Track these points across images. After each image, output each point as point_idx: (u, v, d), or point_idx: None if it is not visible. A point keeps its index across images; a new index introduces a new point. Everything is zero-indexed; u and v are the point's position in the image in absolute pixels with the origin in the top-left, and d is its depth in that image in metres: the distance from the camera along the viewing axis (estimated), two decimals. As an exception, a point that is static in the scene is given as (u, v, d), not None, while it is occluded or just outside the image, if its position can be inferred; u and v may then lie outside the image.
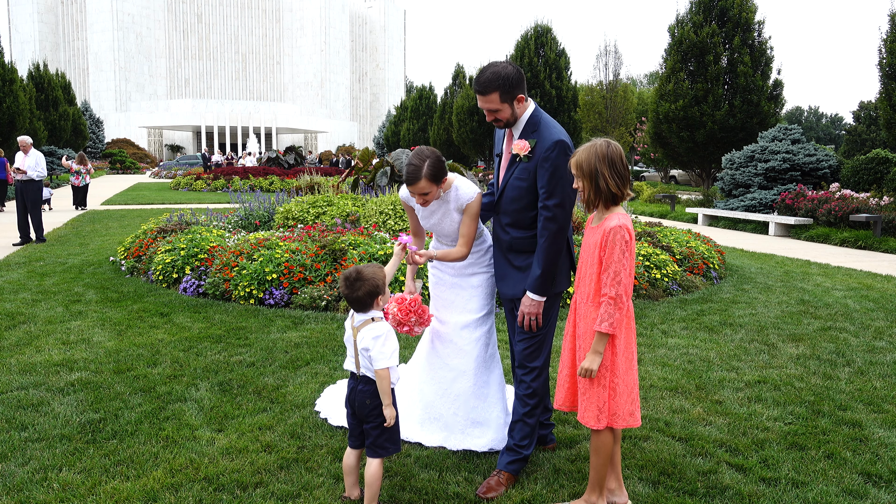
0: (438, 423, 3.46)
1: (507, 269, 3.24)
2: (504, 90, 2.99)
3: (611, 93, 30.39)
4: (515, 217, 3.15)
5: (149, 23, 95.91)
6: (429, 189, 3.13)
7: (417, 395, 3.55)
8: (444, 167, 3.15)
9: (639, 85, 63.72)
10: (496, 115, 3.06)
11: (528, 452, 3.19)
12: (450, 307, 3.45)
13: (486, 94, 3.01)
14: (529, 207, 3.11)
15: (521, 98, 3.05)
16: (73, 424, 3.70)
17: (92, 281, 7.73)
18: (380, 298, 2.86)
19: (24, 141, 11.47)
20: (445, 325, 3.45)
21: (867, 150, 38.17)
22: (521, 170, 3.09)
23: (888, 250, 11.73)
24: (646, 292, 7.00)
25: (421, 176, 3.08)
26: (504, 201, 3.19)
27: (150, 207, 19.62)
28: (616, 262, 2.67)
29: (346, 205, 9.14)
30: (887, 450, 3.50)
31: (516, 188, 3.11)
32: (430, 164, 3.08)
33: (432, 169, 3.09)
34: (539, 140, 3.03)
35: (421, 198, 3.17)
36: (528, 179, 3.06)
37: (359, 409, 2.86)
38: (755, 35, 19.54)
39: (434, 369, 3.47)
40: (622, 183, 2.72)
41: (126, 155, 56.64)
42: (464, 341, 3.40)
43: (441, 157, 3.15)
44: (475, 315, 3.41)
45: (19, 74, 28.42)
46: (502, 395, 3.51)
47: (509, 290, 3.23)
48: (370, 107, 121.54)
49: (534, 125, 3.07)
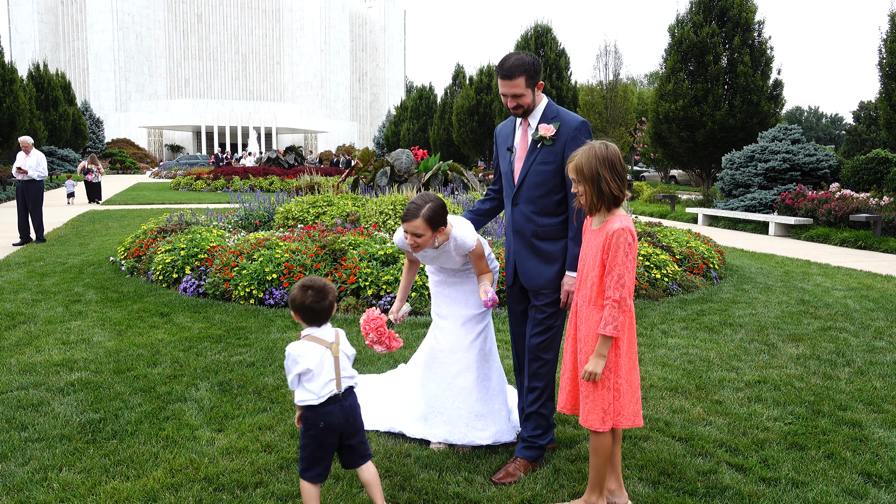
0: (442, 417, 3.48)
1: (531, 259, 3.22)
2: (529, 75, 3.10)
3: (611, 93, 30.39)
4: (541, 204, 3.16)
5: (149, 23, 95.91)
6: (423, 232, 3.09)
7: (420, 391, 3.57)
8: (445, 217, 3.14)
9: (639, 85, 63.73)
10: (518, 100, 3.14)
11: (544, 442, 3.28)
12: (452, 304, 3.50)
13: (513, 79, 3.09)
14: (555, 190, 3.14)
15: (540, 85, 3.17)
16: (73, 424, 3.70)
17: (92, 281, 7.73)
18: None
19: (25, 141, 11.46)
20: (447, 320, 3.50)
21: (867, 150, 38.16)
22: (545, 153, 3.14)
23: (888, 250, 11.73)
24: (646, 292, 7.00)
25: (419, 215, 3.06)
26: (525, 188, 3.20)
27: (150, 207, 19.62)
28: (620, 265, 2.65)
29: (346, 205, 9.14)
30: (887, 450, 3.50)
31: (540, 173, 3.14)
32: (431, 206, 3.08)
33: (431, 212, 3.08)
34: (563, 123, 3.12)
35: (413, 239, 3.11)
36: (555, 161, 3.11)
37: (353, 422, 2.68)
38: (755, 35, 19.54)
39: (436, 364, 3.50)
40: (622, 184, 2.71)
41: (126, 155, 56.64)
42: (465, 336, 3.45)
43: (445, 207, 3.14)
44: (476, 310, 3.47)
45: (19, 74, 28.41)
46: (503, 388, 3.58)
47: (536, 280, 3.21)
48: (370, 107, 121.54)
49: (553, 112, 3.18)
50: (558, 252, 3.16)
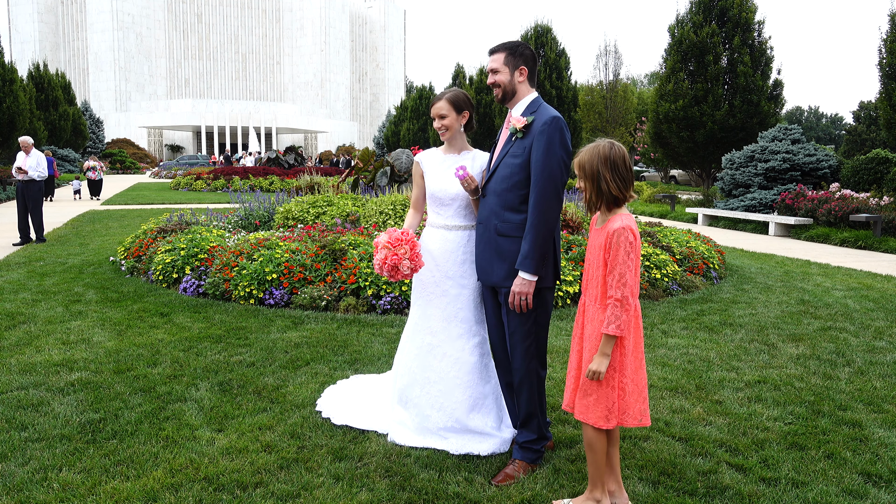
0: (435, 436, 3.44)
1: (488, 253, 3.20)
2: (509, 52, 3.17)
3: (611, 93, 30.41)
4: (505, 198, 3.13)
5: (149, 23, 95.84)
6: (447, 113, 3.34)
7: (414, 409, 3.50)
8: (467, 102, 3.37)
9: (639, 85, 63.71)
10: (496, 76, 3.19)
11: (539, 447, 3.25)
12: (442, 318, 3.42)
13: (493, 54, 3.21)
14: (520, 186, 3.10)
15: (524, 71, 3.18)
16: (73, 424, 3.69)
17: (92, 281, 7.73)
18: None
19: (25, 141, 11.46)
20: (436, 337, 3.43)
21: (867, 150, 38.16)
22: (517, 146, 3.14)
23: (888, 250, 11.73)
24: (646, 292, 7.00)
25: (443, 97, 3.36)
26: (494, 181, 3.19)
27: (150, 207, 19.62)
28: (621, 263, 2.65)
29: (346, 205, 9.14)
30: (887, 450, 3.50)
31: (509, 165, 3.14)
32: (454, 91, 3.37)
33: (453, 95, 3.36)
34: (537, 117, 3.11)
35: (439, 122, 3.35)
36: (523, 155, 3.10)
37: None
38: (755, 35, 19.54)
39: (429, 383, 3.44)
40: (624, 185, 2.70)
41: (126, 155, 56.64)
42: (459, 352, 3.40)
43: (468, 96, 3.40)
44: (469, 324, 3.42)
45: (19, 74, 28.44)
46: (501, 405, 3.52)
47: (489, 275, 3.21)
48: (370, 107, 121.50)
49: (534, 107, 3.17)
50: (515, 251, 3.10)
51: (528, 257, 3.00)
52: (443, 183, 3.38)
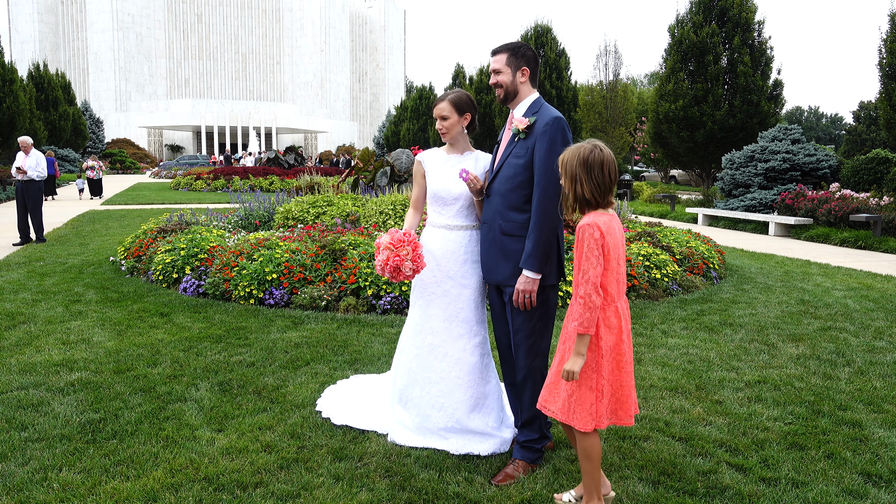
0: (435, 436, 3.43)
1: (493, 252, 3.23)
2: (511, 53, 3.19)
3: (611, 93, 30.41)
4: (510, 198, 3.16)
5: (149, 23, 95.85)
6: (449, 114, 3.34)
7: (415, 409, 3.49)
8: (470, 104, 3.37)
9: (639, 85, 63.72)
10: (498, 77, 3.21)
11: (539, 446, 3.26)
12: (443, 318, 3.42)
13: (496, 55, 3.23)
14: (524, 186, 3.14)
15: (526, 71, 3.21)
16: (73, 424, 3.69)
17: (92, 281, 7.73)
18: None
19: (24, 141, 11.46)
20: (437, 337, 3.42)
21: (867, 150, 38.16)
22: (520, 146, 3.16)
23: (888, 250, 11.73)
24: (646, 292, 7.00)
25: (445, 98, 3.37)
26: (498, 181, 3.22)
27: (150, 207, 19.62)
28: (585, 260, 2.63)
29: (346, 205, 9.14)
30: (887, 450, 3.50)
31: (513, 166, 3.17)
32: (457, 92, 3.38)
33: (456, 97, 3.36)
34: (539, 117, 3.14)
35: (441, 123, 3.36)
36: (526, 156, 3.12)
37: None
38: (755, 35, 19.55)
39: (429, 383, 3.43)
40: (598, 191, 2.67)
41: (126, 155, 56.64)
42: (460, 352, 3.39)
43: (471, 97, 3.40)
44: (470, 325, 3.41)
45: (19, 74, 28.44)
46: (501, 405, 3.52)
47: (494, 274, 3.24)
48: (370, 107, 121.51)
49: (536, 107, 3.20)
50: (519, 250, 3.14)
51: (532, 256, 3.03)
52: (446, 183, 3.38)
